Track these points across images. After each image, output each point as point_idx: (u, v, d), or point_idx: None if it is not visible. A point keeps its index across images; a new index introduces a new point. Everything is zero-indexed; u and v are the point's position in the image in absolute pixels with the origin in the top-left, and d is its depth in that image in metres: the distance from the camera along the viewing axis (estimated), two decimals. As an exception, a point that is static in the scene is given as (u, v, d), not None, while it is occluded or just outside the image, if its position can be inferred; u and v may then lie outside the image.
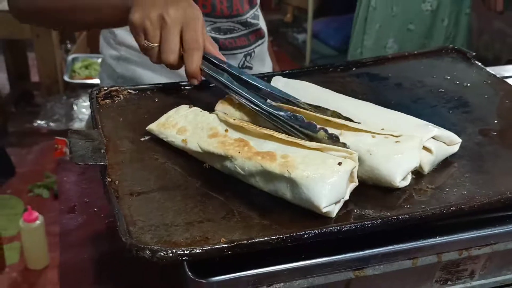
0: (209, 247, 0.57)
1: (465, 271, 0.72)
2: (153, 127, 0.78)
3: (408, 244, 0.66)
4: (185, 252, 0.55)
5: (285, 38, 4.66)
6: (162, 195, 0.66)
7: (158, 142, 0.76)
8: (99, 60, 2.95)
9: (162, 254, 0.55)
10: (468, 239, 0.68)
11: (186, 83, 0.89)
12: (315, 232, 0.60)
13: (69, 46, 3.06)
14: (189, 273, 0.58)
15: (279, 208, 0.66)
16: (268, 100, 0.79)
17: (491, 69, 1.00)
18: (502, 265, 0.74)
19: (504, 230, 0.69)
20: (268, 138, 0.69)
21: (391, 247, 0.65)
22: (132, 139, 0.77)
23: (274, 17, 4.83)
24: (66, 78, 2.70)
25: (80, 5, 0.99)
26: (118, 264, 0.79)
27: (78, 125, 2.41)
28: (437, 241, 0.67)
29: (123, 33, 1.15)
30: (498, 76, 0.96)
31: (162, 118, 0.78)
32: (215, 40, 1.15)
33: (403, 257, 0.66)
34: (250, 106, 0.76)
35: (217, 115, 0.75)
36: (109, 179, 0.66)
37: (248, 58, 1.24)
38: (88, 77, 2.74)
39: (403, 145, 0.68)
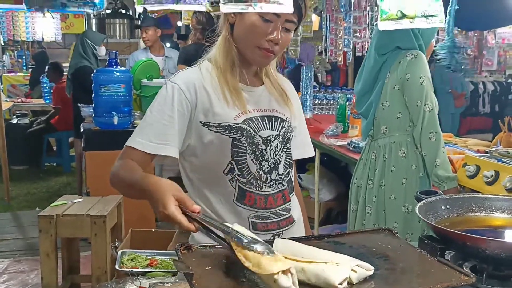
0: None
1: None
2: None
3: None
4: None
5: (295, 242, 5.36)
6: (219, 289, 1.32)
7: (215, 269, 1.43)
8: (142, 255, 3.62)
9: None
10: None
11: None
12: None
13: (117, 243, 3.77)
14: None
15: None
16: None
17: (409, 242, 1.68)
18: None
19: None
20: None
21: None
22: (201, 267, 1.43)
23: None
24: (117, 267, 3.36)
25: (128, 183, 1.69)
26: None
27: (126, 303, 3.01)
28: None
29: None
30: (409, 243, 1.64)
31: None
32: (254, 224, 1.82)
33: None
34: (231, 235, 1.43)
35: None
36: (193, 281, 1.32)
37: (276, 236, 1.82)
38: (134, 267, 3.38)
39: (340, 267, 1.33)
